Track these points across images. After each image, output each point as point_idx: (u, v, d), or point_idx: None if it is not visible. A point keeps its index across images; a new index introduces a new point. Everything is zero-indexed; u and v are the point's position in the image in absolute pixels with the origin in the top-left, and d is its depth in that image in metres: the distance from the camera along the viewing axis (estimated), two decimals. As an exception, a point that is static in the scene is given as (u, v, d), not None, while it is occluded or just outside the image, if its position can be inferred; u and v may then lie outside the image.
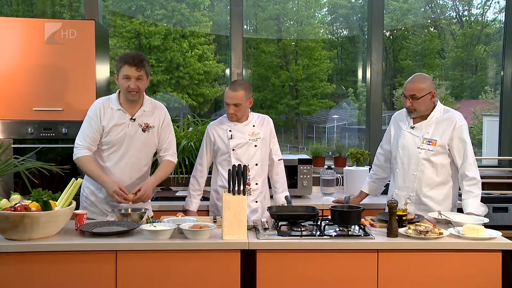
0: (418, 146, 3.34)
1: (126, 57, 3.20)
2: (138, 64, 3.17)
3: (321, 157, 4.81)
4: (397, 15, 6.96)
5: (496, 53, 6.30)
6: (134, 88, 3.19)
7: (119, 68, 3.20)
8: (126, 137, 3.27)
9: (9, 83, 3.78)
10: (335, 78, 7.13)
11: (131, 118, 3.28)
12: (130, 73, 3.16)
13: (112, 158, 3.28)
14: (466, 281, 2.75)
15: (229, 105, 3.43)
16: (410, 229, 2.82)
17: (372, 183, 3.68)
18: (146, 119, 3.32)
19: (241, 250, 2.71)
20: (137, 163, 3.33)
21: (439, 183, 3.34)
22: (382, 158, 3.64)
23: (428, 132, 3.33)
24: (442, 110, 3.37)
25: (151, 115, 3.34)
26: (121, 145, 3.27)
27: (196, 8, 6.85)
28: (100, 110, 3.25)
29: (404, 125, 3.44)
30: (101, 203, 3.34)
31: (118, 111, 3.27)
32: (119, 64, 3.20)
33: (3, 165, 2.93)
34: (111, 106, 3.28)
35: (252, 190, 3.50)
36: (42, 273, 2.65)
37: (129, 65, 3.16)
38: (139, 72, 3.17)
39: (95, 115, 3.25)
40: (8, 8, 6.00)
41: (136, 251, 2.68)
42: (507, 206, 3.88)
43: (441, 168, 3.32)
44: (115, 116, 3.26)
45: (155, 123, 3.35)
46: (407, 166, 3.38)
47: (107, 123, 3.24)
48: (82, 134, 3.26)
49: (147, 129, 3.32)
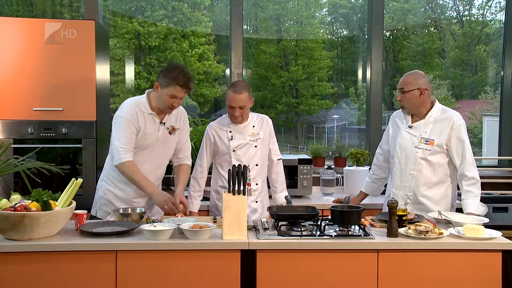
0: (415, 145, 3.34)
1: (179, 78, 3.12)
2: (188, 87, 3.16)
3: (321, 157, 4.81)
4: (397, 15, 6.95)
5: (496, 53, 6.30)
6: (175, 107, 3.22)
7: (168, 85, 3.13)
8: (157, 141, 3.27)
9: (9, 83, 3.78)
10: (335, 78, 7.13)
11: (161, 122, 3.28)
12: (179, 94, 3.15)
13: (138, 158, 3.23)
14: (466, 281, 2.76)
15: (235, 109, 3.40)
16: (410, 229, 2.82)
17: (371, 183, 3.68)
18: (172, 122, 3.34)
19: (241, 250, 2.71)
20: (158, 166, 3.36)
21: (436, 182, 3.34)
22: (381, 158, 3.64)
23: (426, 132, 3.33)
24: (440, 110, 3.38)
25: (175, 117, 3.36)
26: (149, 149, 3.27)
27: (196, 8, 6.84)
28: (137, 112, 3.21)
29: (402, 124, 3.45)
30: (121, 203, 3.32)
31: (149, 115, 3.24)
32: (170, 81, 3.12)
33: (3, 165, 2.93)
34: (143, 109, 3.24)
35: (253, 191, 3.50)
36: (42, 273, 2.65)
37: (181, 87, 3.13)
38: (186, 94, 3.18)
39: (133, 118, 3.19)
40: (8, 8, 6.00)
41: (136, 251, 2.68)
42: (507, 206, 3.88)
43: (439, 168, 3.32)
44: (147, 120, 3.24)
45: (179, 125, 3.38)
46: (404, 165, 3.38)
47: (142, 126, 3.22)
48: (124, 136, 3.16)
49: (173, 131, 3.34)
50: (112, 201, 3.32)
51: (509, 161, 4.98)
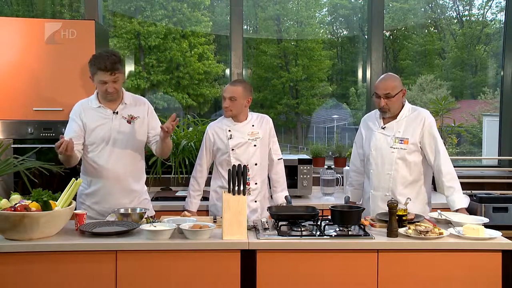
0: (390, 145, 3.36)
1: (98, 62, 3.12)
2: (112, 69, 3.12)
3: (321, 157, 4.81)
4: (398, 15, 6.96)
5: (496, 53, 6.31)
6: (112, 92, 3.19)
7: (95, 74, 3.16)
8: (112, 131, 3.25)
9: (9, 83, 3.78)
10: (335, 78, 7.14)
11: (113, 112, 3.28)
12: (105, 78, 3.13)
13: (102, 155, 3.25)
14: (466, 281, 2.75)
15: (225, 99, 3.44)
16: (410, 229, 2.82)
17: (354, 190, 3.67)
18: (129, 111, 3.31)
19: (241, 250, 2.71)
20: (129, 156, 3.31)
21: (412, 181, 3.37)
22: (359, 163, 3.63)
23: (399, 131, 3.36)
24: (411, 109, 3.42)
25: (133, 106, 3.34)
26: (109, 141, 3.25)
27: (196, 8, 6.85)
28: (80, 110, 3.26)
29: (375, 126, 3.47)
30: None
31: (98, 108, 3.27)
32: (92, 69, 3.16)
33: (3, 165, 2.93)
34: (90, 105, 3.28)
35: (252, 190, 3.50)
36: (42, 273, 2.65)
37: (103, 71, 3.12)
38: (114, 76, 3.14)
39: (76, 115, 3.25)
40: (8, 8, 6.01)
41: (136, 251, 2.68)
42: (507, 206, 3.87)
43: (414, 166, 3.36)
44: (97, 113, 3.26)
45: (139, 114, 3.34)
46: (381, 166, 3.39)
47: (89, 121, 3.23)
48: (67, 131, 3.24)
49: (132, 120, 3.30)
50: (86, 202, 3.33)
51: (509, 161, 4.98)
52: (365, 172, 3.56)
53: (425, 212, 3.32)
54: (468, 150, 6.32)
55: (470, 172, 4.83)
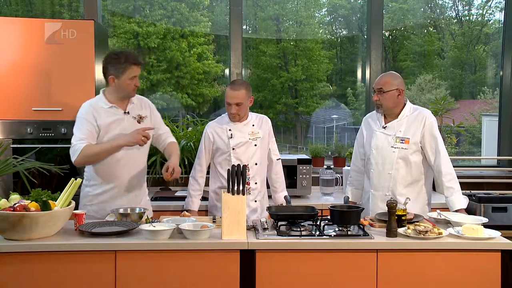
0: (391, 145, 3.37)
1: (131, 57, 3.19)
2: (141, 62, 3.25)
3: (321, 157, 4.81)
4: (397, 15, 6.96)
5: (495, 53, 6.31)
6: (138, 85, 3.25)
7: (125, 70, 3.16)
8: (126, 131, 3.24)
9: (9, 83, 3.78)
10: (335, 78, 7.14)
11: (124, 112, 3.28)
12: (137, 73, 3.21)
13: (115, 155, 3.23)
14: (466, 281, 2.76)
15: (231, 105, 3.42)
16: (410, 229, 2.82)
17: (355, 190, 3.67)
18: (137, 111, 3.34)
19: (241, 250, 2.71)
20: (137, 158, 3.32)
21: (412, 181, 3.38)
22: (359, 162, 3.63)
23: (400, 131, 3.37)
24: (412, 108, 3.43)
25: (139, 106, 3.37)
26: None
27: (195, 8, 6.84)
28: (92, 110, 3.22)
29: (376, 125, 3.47)
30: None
31: (110, 108, 3.26)
32: (124, 66, 3.16)
33: (3, 165, 2.93)
34: (101, 105, 3.26)
35: (252, 190, 3.50)
36: (41, 273, 2.65)
37: (136, 65, 3.19)
38: (140, 70, 3.25)
39: (89, 116, 3.20)
40: (7, 8, 6.00)
41: (136, 251, 2.68)
42: (507, 206, 3.88)
43: (415, 166, 3.36)
44: (109, 113, 3.25)
45: (146, 113, 3.37)
46: (382, 166, 3.39)
47: (103, 122, 3.22)
48: (81, 132, 3.17)
49: (141, 120, 3.32)
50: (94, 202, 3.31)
51: (508, 161, 4.98)
52: (365, 171, 3.56)
53: (424, 213, 3.32)
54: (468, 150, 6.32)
55: (469, 172, 4.84)
